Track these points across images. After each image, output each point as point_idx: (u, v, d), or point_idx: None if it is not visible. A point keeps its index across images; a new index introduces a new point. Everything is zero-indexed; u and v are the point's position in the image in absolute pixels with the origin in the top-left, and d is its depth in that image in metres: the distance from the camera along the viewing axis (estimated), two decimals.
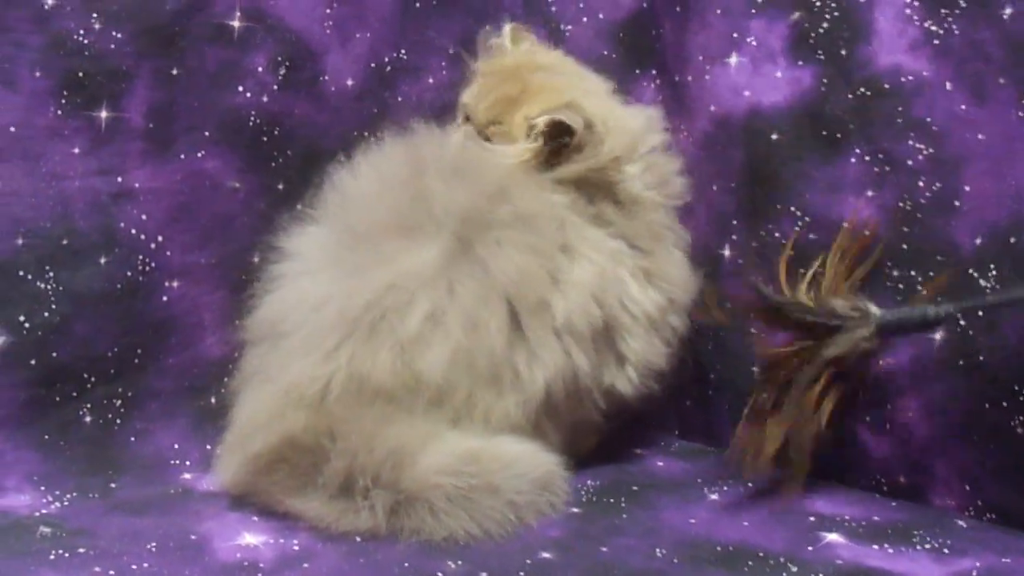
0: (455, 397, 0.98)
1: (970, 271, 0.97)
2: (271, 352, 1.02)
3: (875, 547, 0.91)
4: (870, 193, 1.04)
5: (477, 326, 0.98)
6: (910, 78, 1.01)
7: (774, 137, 1.11)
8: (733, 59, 1.15)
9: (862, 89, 1.05)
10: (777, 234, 1.10)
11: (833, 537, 0.93)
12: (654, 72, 1.28)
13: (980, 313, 0.96)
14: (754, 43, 1.12)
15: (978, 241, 0.98)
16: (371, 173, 1.06)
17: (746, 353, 1.13)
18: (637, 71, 1.28)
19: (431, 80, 1.22)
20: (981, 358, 0.96)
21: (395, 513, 0.91)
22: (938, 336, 0.99)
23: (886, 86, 1.03)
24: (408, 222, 1.01)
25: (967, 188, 0.98)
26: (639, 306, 1.06)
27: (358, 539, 0.90)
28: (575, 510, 0.98)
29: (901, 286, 1.03)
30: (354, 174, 1.06)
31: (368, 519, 0.91)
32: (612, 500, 1.02)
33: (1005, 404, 0.94)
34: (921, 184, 1.01)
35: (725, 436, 1.16)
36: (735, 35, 1.14)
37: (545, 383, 1.00)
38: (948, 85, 0.99)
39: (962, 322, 0.97)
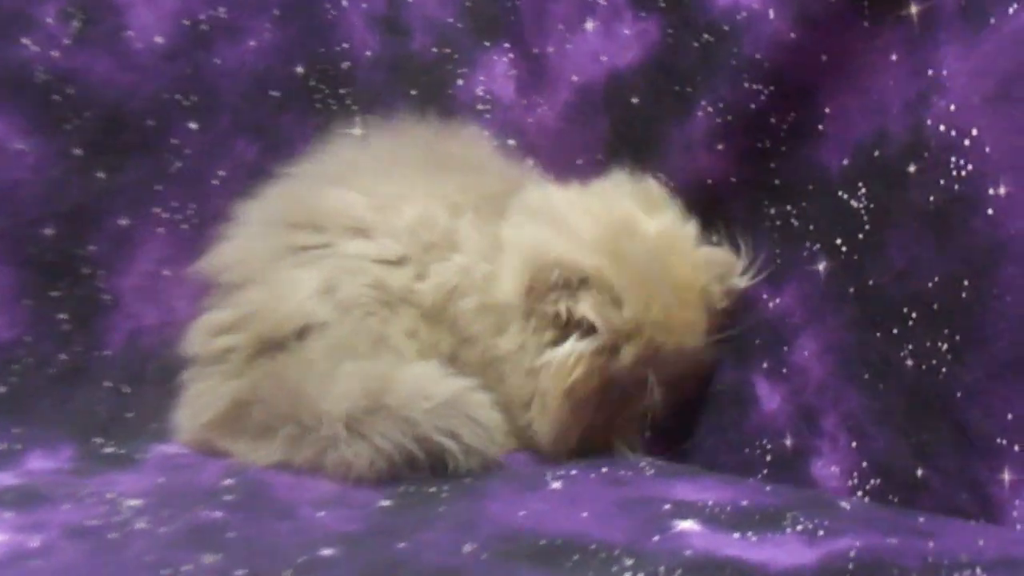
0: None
1: (839, 193, 0.92)
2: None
3: (736, 535, 0.76)
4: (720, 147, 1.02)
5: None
6: (744, 15, 0.98)
7: (634, 100, 1.11)
8: (589, 24, 1.15)
9: (706, 36, 1.02)
10: None
11: (686, 525, 0.79)
12: (507, 45, 1.25)
13: (861, 236, 0.91)
14: (603, 2, 1.13)
15: (845, 161, 0.93)
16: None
17: None
18: (487, 43, 1.24)
19: (253, 43, 1.14)
20: (870, 283, 0.89)
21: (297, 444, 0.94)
22: (822, 267, 0.94)
23: (725, 28, 1.00)
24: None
25: (827, 110, 0.94)
26: None
27: (110, 536, 0.78)
28: (385, 503, 0.86)
29: (778, 223, 1.00)
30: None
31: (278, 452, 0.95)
32: (435, 490, 0.89)
33: (895, 331, 0.87)
34: (773, 121, 0.98)
35: None
36: None
37: None
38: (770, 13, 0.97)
39: (844, 248, 0.92)
